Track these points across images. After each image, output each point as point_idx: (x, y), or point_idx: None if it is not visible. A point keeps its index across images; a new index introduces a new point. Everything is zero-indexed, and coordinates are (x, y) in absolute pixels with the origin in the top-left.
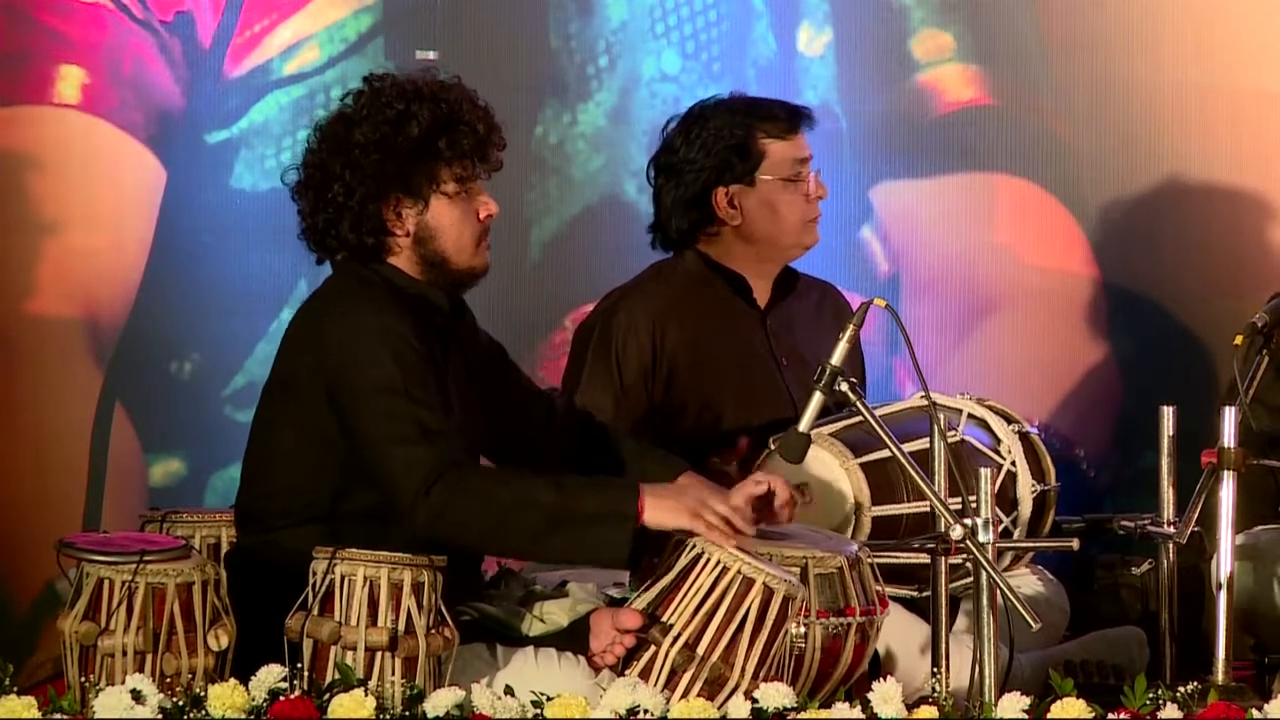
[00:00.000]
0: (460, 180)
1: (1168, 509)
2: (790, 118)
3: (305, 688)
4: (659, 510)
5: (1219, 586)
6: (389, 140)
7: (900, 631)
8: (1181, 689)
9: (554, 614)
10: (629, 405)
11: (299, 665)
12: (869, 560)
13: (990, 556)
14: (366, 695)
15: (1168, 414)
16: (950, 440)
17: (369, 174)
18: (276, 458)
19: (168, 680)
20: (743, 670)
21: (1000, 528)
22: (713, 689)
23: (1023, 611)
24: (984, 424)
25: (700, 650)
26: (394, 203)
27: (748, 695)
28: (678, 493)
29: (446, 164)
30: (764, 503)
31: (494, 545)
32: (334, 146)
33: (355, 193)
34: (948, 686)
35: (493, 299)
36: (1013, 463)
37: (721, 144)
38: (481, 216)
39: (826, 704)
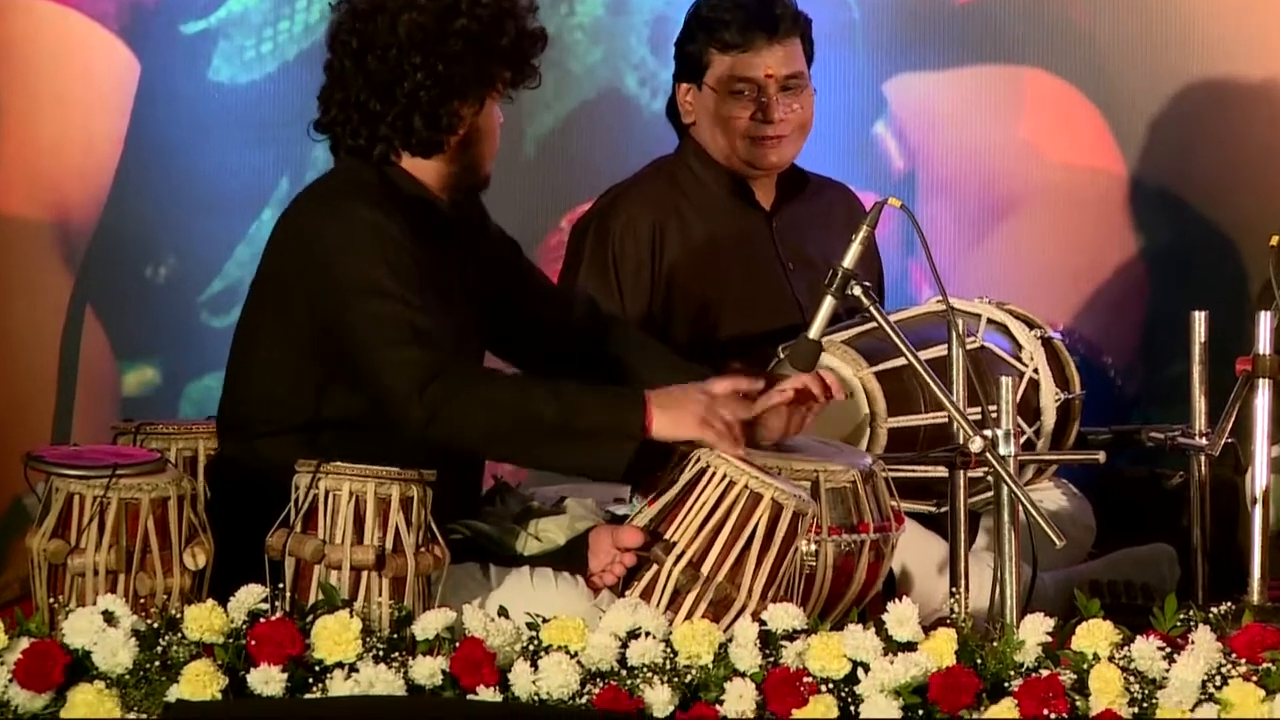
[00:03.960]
0: (512, 85)
1: (1199, 420)
2: (741, 33)
3: (287, 609)
4: (666, 422)
5: (1254, 501)
6: (488, 38)
7: (917, 549)
8: (1214, 610)
9: (550, 532)
10: (626, 309)
11: (280, 585)
12: (884, 474)
13: (1011, 470)
14: (352, 617)
15: (1199, 319)
16: (969, 347)
17: (464, 69)
18: (258, 362)
19: (141, 601)
20: (750, 590)
21: (1022, 439)
22: (718, 610)
23: (1046, 528)
24: (1004, 329)
25: (705, 569)
26: (460, 101)
27: (755, 617)
28: (684, 401)
29: (516, 69)
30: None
31: (490, 449)
32: (418, 38)
33: (437, 87)
34: (967, 607)
35: (484, 200)
36: (1035, 370)
37: (683, 45)
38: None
39: (839, 626)
